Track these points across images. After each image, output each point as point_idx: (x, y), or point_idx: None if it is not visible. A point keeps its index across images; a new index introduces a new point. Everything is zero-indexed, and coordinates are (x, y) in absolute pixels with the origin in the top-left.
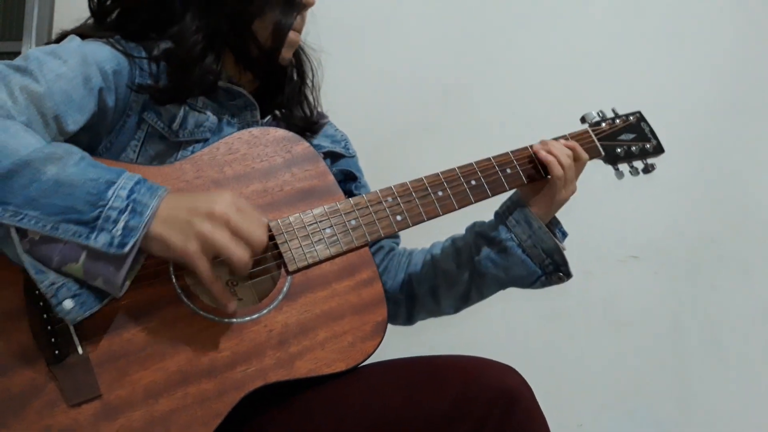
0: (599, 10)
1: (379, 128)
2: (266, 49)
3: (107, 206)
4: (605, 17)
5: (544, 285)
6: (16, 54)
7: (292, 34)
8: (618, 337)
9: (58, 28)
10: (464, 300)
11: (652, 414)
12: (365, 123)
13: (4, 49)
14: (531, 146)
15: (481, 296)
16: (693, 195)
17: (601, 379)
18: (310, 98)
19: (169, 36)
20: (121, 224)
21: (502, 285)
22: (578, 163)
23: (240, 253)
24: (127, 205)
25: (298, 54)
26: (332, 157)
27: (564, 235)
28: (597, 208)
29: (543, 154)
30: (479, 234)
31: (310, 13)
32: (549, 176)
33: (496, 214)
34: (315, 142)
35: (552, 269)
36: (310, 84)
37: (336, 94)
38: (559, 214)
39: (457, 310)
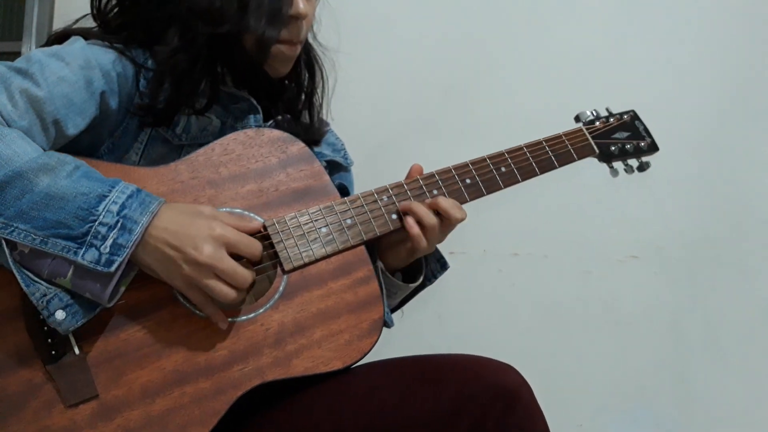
0: (598, 10)
1: (379, 128)
2: (250, 64)
3: (97, 222)
4: (604, 17)
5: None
6: (16, 54)
7: (284, 48)
8: (618, 337)
9: (58, 28)
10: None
11: (652, 414)
12: (365, 123)
13: (4, 49)
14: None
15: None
16: (693, 195)
17: (601, 379)
18: (316, 106)
19: (153, 55)
20: (109, 241)
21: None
22: (446, 223)
23: (225, 292)
24: (117, 222)
25: (310, 61)
26: (332, 166)
27: (444, 267)
28: (597, 208)
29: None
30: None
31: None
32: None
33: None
34: (317, 149)
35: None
36: (318, 92)
37: (335, 93)
38: (559, 211)
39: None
